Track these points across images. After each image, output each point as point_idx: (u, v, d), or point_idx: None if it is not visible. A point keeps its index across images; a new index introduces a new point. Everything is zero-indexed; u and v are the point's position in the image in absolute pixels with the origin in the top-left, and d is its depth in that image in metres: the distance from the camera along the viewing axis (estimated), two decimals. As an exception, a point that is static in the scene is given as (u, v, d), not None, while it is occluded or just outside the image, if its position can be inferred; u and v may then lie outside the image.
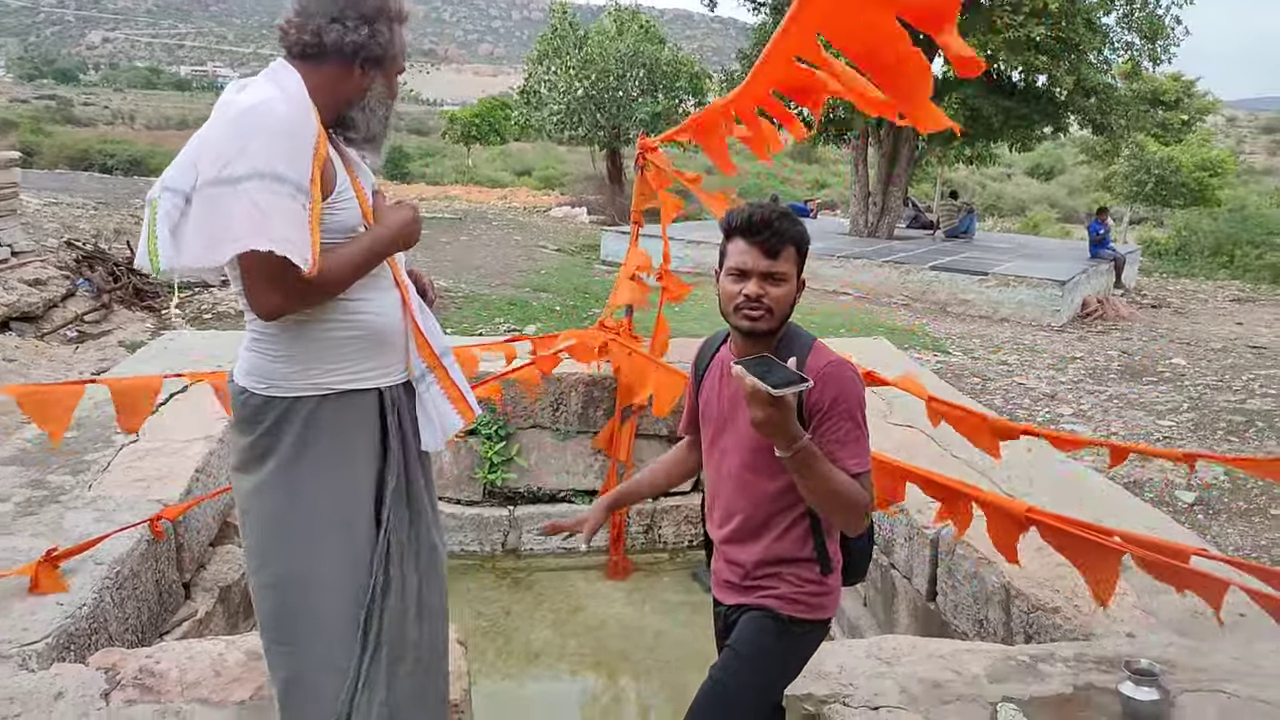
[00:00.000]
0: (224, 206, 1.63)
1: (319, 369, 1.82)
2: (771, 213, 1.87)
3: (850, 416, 1.85)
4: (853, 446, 1.84)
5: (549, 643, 4.25)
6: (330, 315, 1.81)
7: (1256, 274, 18.45)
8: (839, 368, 1.88)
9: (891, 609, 3.93)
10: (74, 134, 36.49)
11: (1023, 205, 34.97)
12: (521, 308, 10.11)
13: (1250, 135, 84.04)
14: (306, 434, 1.82)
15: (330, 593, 1.85)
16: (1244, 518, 5.28)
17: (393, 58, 1.87)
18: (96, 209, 12.53)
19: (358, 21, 1.79)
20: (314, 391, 1.82)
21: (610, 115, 21.82)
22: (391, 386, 1.91)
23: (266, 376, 1.83)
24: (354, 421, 1.86)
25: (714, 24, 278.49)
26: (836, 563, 2.01)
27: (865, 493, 1.84)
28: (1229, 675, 2.44)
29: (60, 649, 2.52)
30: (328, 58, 1.79)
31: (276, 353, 1.82)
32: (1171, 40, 14.94)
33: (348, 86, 1.82)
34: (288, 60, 1.80)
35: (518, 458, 5.12)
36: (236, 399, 1.88)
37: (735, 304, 1.89)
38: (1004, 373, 8.62)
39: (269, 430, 1.83)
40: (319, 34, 1.77)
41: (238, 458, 1.90)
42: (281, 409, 1.82)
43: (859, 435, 1.86)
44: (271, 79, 1.77)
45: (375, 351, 1.88)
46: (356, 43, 1.79)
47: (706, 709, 1.94)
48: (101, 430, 3.98)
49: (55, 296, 8.22)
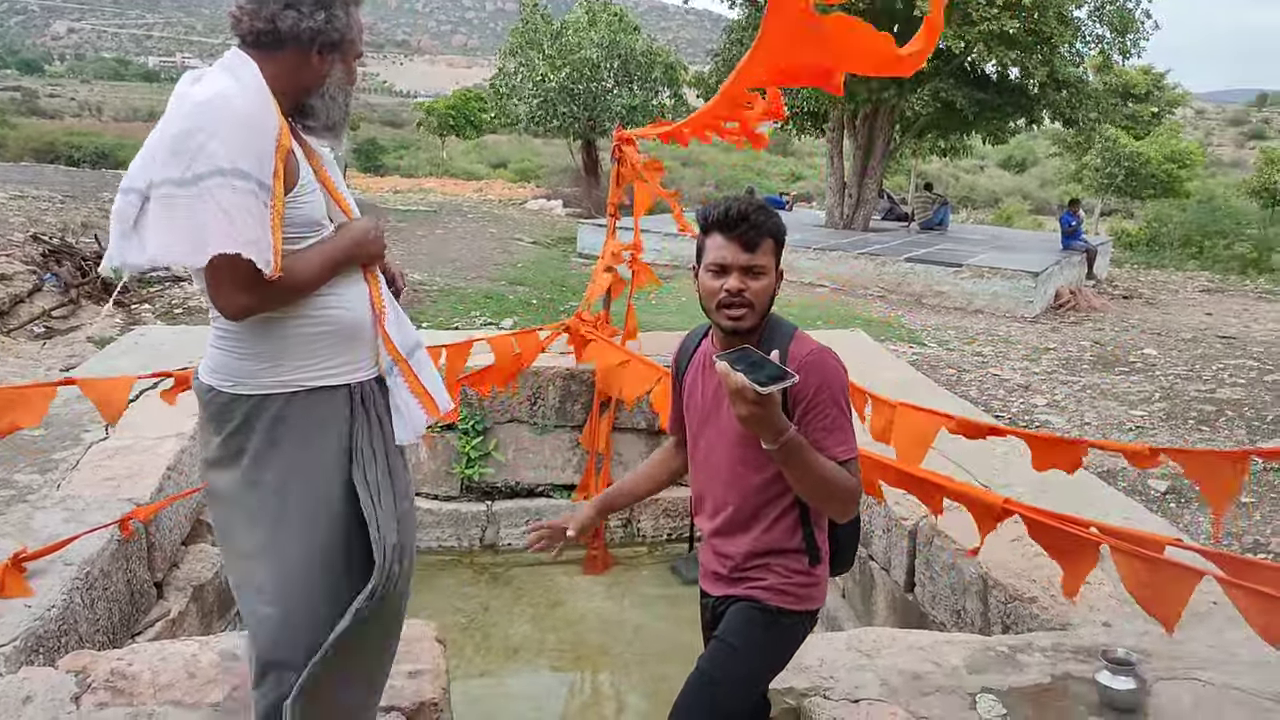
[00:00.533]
0: (188, 207, 1.60)
1: (288, 365, 1.79)
2: (747, 206, 1.86)
3: (835, 403, 1.85)
4: (838, 434, 1.84)
5: (528, 638, 4.24)
6: (300, 311, 1.78)
7: (1225, 265, 18.73)
8: (821, 355, 1.88)
9: (870, 601, 3.95)
10: (40, 126, 35.84)
11: (996, 197, 35.25)
12: (498, 301, 10.06)
13: (1219, 128, 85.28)
14: (274, 432, 1.79)
15: (299, 585, 1.83)
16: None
17: (350, 41, 1.82)
18: (63, 202, 12.32)
19: (313, 6, 1.74)
20: (282, 389, 1.79)
21: (585, 107, 21.72)
22: (362, 382, 1.88)
23: (233, 374, 1.79)
24: (323, 419, 1.82)
25: (689, 16, 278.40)
26: (825, 553, 2.02)
27: (853, 479, 1.84)
28: (1204, 663, 2.47)
29: (29, 652, 2.47)
30: (284, 45, 1.74)
31: (244, 350, 1.78)
32: (1141, 34, 15.10)
33: (306, 74, 1.78)
34: (242, 49, 1.75)
35: (495, 452, 5.10)
36: (203, 397, 1.84)
37: (717, 300, 1.88)
38: (978, 364, 8.68)
39: (238, 429, 1.79)
40: (273, 20, 1.71)
41: (207, 455, 1.87)
42: (249, 406, 1.78)
43: (844, 422, 1.86)
44: (227, 70, 1.71)
45: (345, 347, 1.85)
46: (313, 28, 1.74)
47: (694, 700, 1.94)
48: (70, 428, 3.91)
49: (21, 292, 8.07)
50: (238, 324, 1.76)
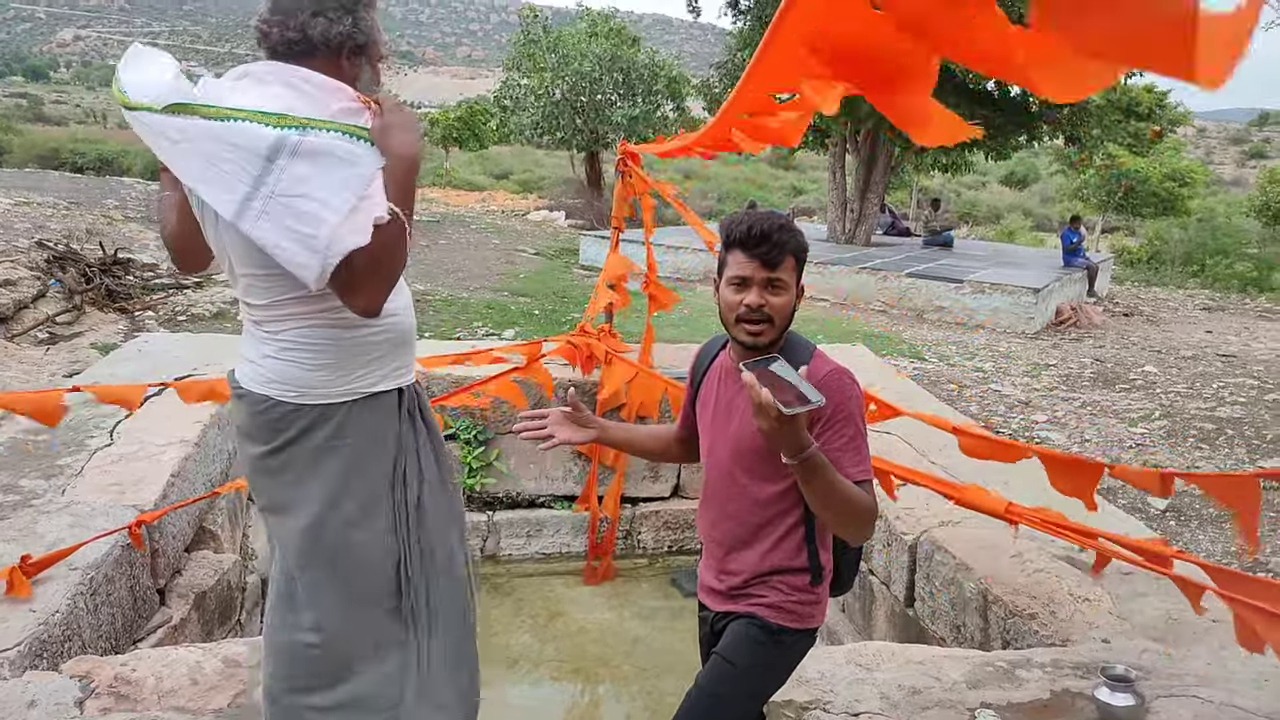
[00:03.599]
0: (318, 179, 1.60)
1: (356, 374, 1.83)
2: (770, 225, 1.86)
3: (852, 422, 1.85)
4: (853, 454, 1.84)
5: (528, 648, 4.24)
6: (373, 320, 1.80)
7: (1226, 283, 18.77)
8: (840, 376, 1.89)
9: (870, 615, 3.95)
10: (45, 132, 35.96)
11: (998, 213, 35.31)
12: (500, 311, 10.08)
13: (1220, 146, 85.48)
14: (336, 436, 1.82)
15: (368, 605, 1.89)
16: (1214, 524, 5.35)
17: (375, 43, 1.86)
18: (68, 209, 12.36)
19: (340, 12, 1.77)
20: (348, 397, 1.83)
21: (588, 119, 21.80)
22: (409, 385, 1.94)
23: (301, 385, 1.80)
24: (379, 422, 1.87)
25: (693, 29, 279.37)
26: (827, 572, 2.02)
27: (872, 499, 1.84)
28: (1203, 681, 2.48)
29: (33, 656, 2.48)
30: (315, 53, 1.76)
31: (317, 362, 1.80)
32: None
33: (338, 80, 1.80)
34: (274, 60, 1.76)
35: (497, 463, 5.11)
36: (256, 408, 1.83)
37: (736, 314, 1.89)
38: (979, 379, 8.70)
39: (297, 437, 1.81)
40: (304, 29, 1.74)
41: (257, 466, 1.88)
42: (313, 416, 1.81)
43: (860, 443, 1.86)
44: (285, 82, 1.70)
45: (400, 352, 1.90)
46: (343, 33, 1.78)
47: (693, 718, 1.94)
48: (75, 434, 3.93)
49: (26, 297, 8.09)
50: (313, 336, 1.77)
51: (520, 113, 22.37)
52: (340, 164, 1.61)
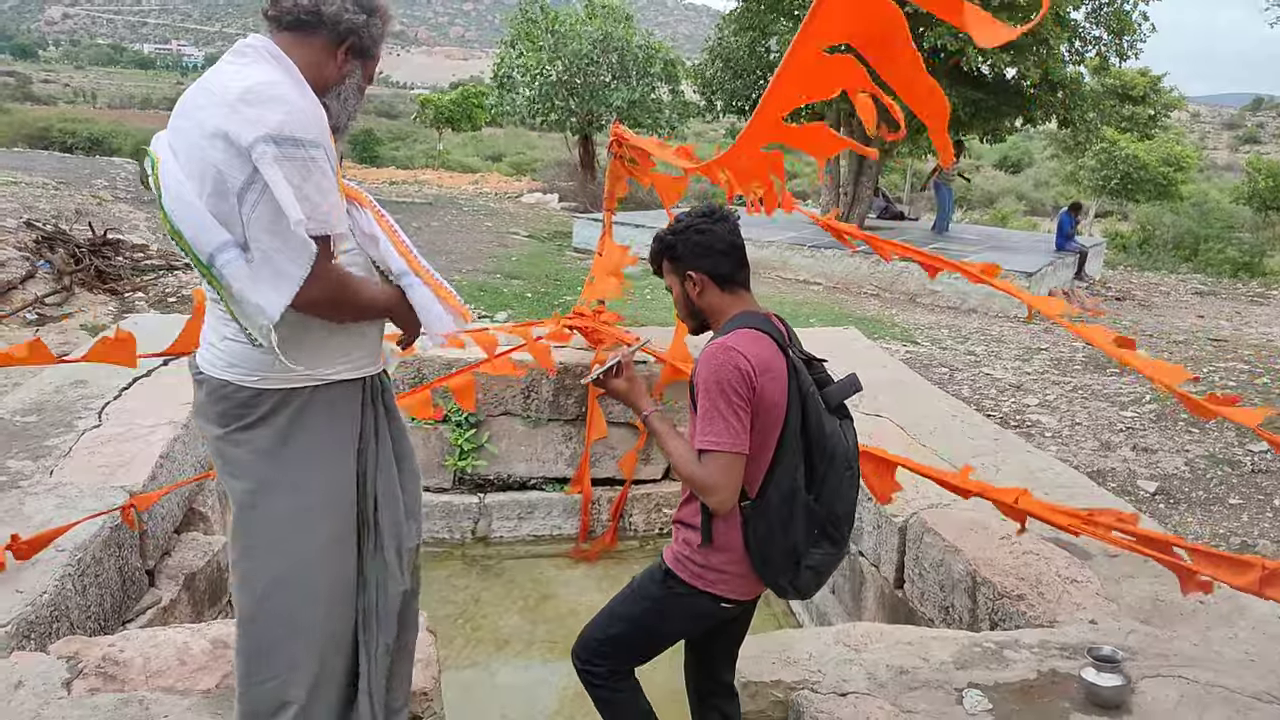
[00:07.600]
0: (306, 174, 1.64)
1: (318, 360, 1.82)
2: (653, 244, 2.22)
3: (706, 395, 2.01)
4: (704, 424, 2.01)
5: (518, 630, 4.25)
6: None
7: (1218, 268, 18.79)
8: (713, 353, 2.04)
9: (859, 597, 3.97)
10: (33, 112, 35.69)
11: (991, 198, 35.28)
12: (492, 294, 10.05)
13: (1214, 131, 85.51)
14: (297, 421, 1.81)
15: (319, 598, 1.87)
16: (1203, 507, 5.38)
17: (374, 56, 1.88)
18: (57, 189, 12.27)
19: (357, 7, 1.79)
20: (310, 382, 1.82)
21: (583, 101, 21.67)
22: (372, 376, 1.95)
23: (259, 369, 1.79)
24: (340, 410, 1.87)
25: (687, 10, 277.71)
26: (727, 543, 2.10)
27: (699, 468, 2.00)
28: (1189, 661, 2.49)
29: (20, 637, 2.47)
30: (319, 31, 1.76)
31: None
32: (1139, 36, 15.10)
33: (328, 70, 1.80)
34: (274, 32, 1.76)
35: (488, 445, 5.10)
36: (216, 393, 1.82)
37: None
38: (971, 363, 8.71)
39: (258, 420, 1.80)
40: (318, 5, 1.75)
41: (217, 448, 1.86)
42: (274, 400, 1.80)
43: (712, 415, 2.00)
44: (273, 64, 1.70)
45: (363, 340, 1.90)
46: (352, 24, 1.78)
47: (591, 624, 2.31)
48: (63, 415, 3.91)
49: (14, 278, 8.05)
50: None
51: (514, 91, 22.23)
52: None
